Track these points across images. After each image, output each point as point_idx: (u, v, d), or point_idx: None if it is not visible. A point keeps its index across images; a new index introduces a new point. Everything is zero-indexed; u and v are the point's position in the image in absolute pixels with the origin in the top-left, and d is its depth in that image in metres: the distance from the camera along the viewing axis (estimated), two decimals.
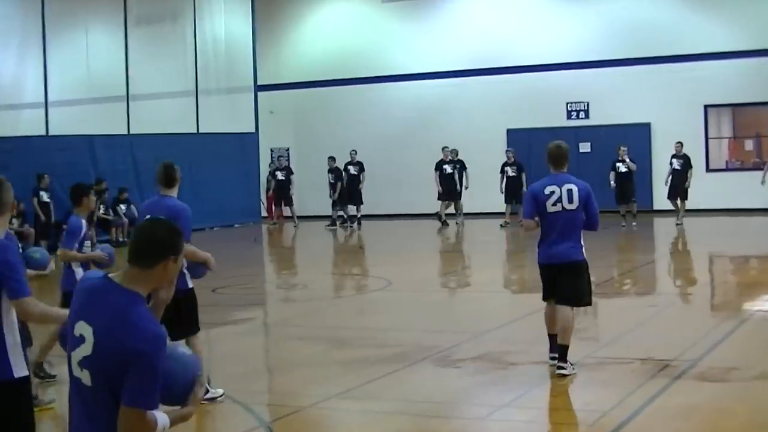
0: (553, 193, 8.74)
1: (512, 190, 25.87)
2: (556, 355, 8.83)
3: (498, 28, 29.64)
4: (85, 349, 3.49)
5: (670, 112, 27.80)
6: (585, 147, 28.32)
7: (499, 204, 26.30)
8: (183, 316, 8.01)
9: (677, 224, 23.66)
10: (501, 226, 25.51)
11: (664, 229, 23.59)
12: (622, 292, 14.38)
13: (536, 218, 8.89)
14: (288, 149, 32.14)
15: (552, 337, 9.02)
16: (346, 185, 27.72)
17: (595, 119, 28.72)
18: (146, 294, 3.57)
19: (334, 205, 27.73)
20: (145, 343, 3.41)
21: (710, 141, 28.15)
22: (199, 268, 8.12)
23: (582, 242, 8.85)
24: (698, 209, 25.99)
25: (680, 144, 24.37)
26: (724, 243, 20.78)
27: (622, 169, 24.02)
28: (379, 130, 30.75)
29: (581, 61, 28.61)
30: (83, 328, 3.51)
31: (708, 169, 27.88)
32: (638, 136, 27.72)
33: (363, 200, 27.67)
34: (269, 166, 30.69)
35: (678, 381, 8.33)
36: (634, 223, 23.51)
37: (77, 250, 8.68)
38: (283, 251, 24.20)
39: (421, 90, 30.48)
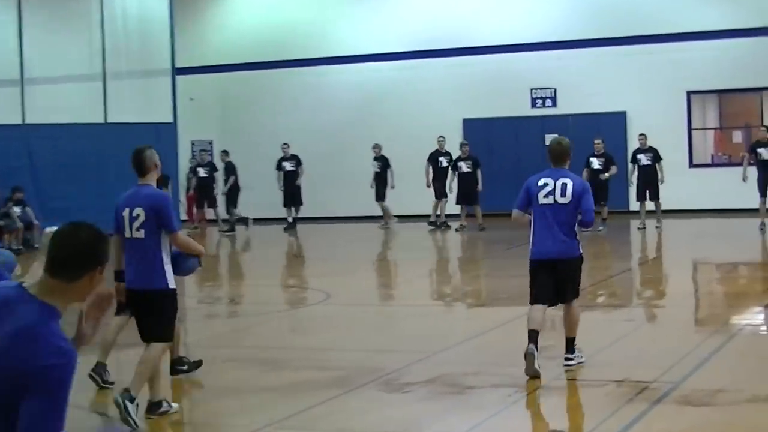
0: (546, 185, 9.55)
1: (466, 189, 25.88)
2: (534, 346, 9.32)
3: (453, 3, 29.76)
4: None
5: (648, 100, 28.09)
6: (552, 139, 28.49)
7: (453, 205, 26.37)
8: (153, 319, 8.36)
9: (656, 227, 23.92)
10: (456, 230, 25.61)
11: (640, 232, 23.81)
12: (594, 304, 14.49)
13: (527, 214, 9.65)
14: (211, 142, 31.97)
15: (532, 333, 9.43)
16: (284, 184, 27.69)
17: (563, 108, 28.95)
18: (64, 309, 3.55)
19: (228, 207, 27.66)
20: (51, 358, 3.38)
21: (694, 132, 28.51)
22: (188, 260, 8.54)
23: (577, 237, 9.61)
24: (680, 209, 26.29)
25: (644, 136, 24.59)
26: (709, 248, 21.04)
27: (596, 165, 24.21)
28: (317, 120, 30.72)
29: (547, 41, 28.81)
30: None
31: (691, 165, 28.23)
32: (612, 126, 27.99)
33: (302, 200, 27.68)
34: (189, 161, 30.52)
35: (658, 405, 8.40)
36: (601, 227, 23.71)
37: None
38: (205, 260, 24.01)
39: (366, 74, 30.51)
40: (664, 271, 18.88)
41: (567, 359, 9.68)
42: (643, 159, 24.39)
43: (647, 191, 24.23)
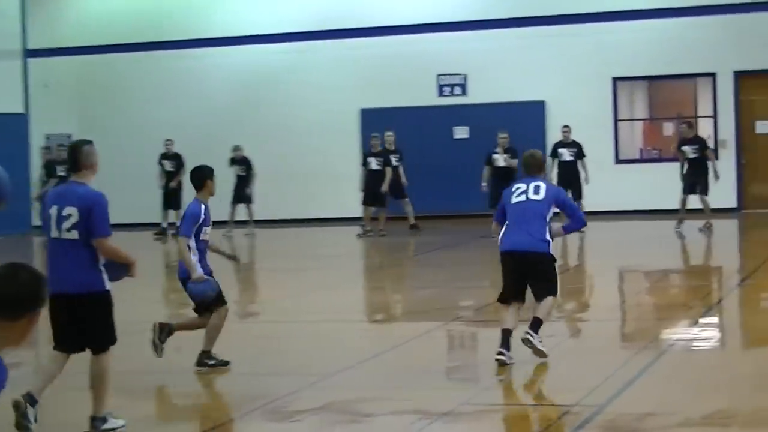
0: (518, 188, 10.89)
1: (374, 189, 25.61)
2: (504, 351, 10.43)
3: None
4: None
5: (569, 88, 28.40)
6: (461, 132, 28.71)
7: (354, 207, 26.38)
8: (96, 325, 8.57)
9: (581, 231, 24.19)
10: (358, 235, 25.58)
11: (560, 238, 24.05)
12: None
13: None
14: (70, 136, 31.54)
15: (505, 332, 10.54)
16: (163, 186, 27.48)
17: (474, 96, 29.13)
18: (1, 349, 3.90)
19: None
20: None
21: (620, 124, 28.90)
22: (118, 269, 8.68)
23: (549, 237, 10.75)
24: (605, 211, 26.60)
25: (568, 128, 24.90)
26: (637, 254, 21.32)
27: (500, 162, 24.24)
28: (194, 111, 30.50)
29: (456, 21, 28.99)
30: None
31: (617, 160, 28.62)
32: (530, 117, 28.25)
33: (180, 203, 27.52)
34: (43, 156, 30.09)
35: None
36: None
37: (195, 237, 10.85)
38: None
39: (250, 58, 30.38)
40: (586, 280, 19.12)
41: (529, 334, 10.51)
42: (566, 154, 24.57)
43: (569, 191, 24.45)
